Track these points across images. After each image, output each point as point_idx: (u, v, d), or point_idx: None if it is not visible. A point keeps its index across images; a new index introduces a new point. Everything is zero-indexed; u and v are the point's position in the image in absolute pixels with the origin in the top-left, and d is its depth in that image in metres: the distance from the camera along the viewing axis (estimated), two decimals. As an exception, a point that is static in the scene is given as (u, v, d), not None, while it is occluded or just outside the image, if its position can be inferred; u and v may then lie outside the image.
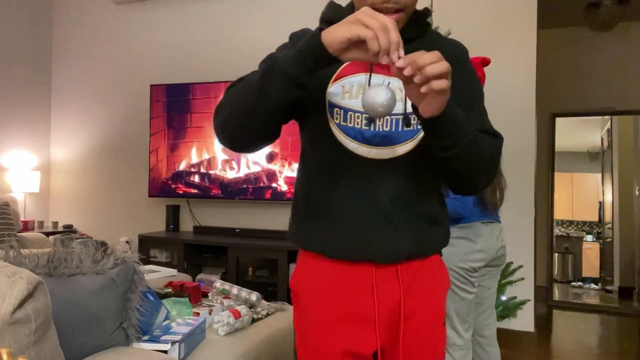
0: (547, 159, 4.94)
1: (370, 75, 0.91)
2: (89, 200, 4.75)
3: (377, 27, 0.69)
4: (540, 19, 3.29)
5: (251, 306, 2.07)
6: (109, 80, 4.68)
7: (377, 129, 0.90)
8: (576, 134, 5.89)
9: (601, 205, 5.94)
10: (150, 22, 4.50)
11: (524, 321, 3.20)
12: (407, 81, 0.73)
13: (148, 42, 4.50)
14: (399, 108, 0.90)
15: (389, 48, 0.69)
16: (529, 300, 3.17)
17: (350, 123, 0.90)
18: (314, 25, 0.96)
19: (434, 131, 0.81)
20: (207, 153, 4.01)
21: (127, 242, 4.21)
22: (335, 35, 0.73)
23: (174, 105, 4.12)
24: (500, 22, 3.30)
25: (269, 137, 0.89)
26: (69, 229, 4.54)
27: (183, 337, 1.47)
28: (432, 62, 0.69)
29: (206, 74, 4.18)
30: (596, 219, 6.06)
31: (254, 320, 1.94)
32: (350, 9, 0.95)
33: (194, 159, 4.05)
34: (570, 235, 6.19)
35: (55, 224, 4.57)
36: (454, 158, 0.83)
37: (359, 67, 0.91)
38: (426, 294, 0.96)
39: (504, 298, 3.03)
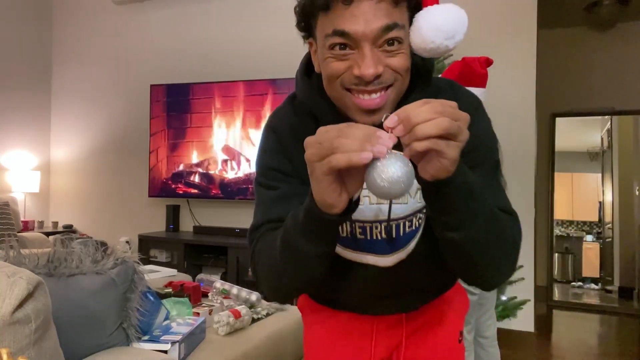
0: (547, 159, 4.94)
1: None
2: (89, 200, 4.75)
3: (354, 143, 0.53)
4: (540, 19, 3.28)
5: (251, 306, 2.07)
6: (109, 81, 4.67)
7: (371, 237, 0.78)
8: (576, 134, 5.88)
9: (601, 205, 5.93)
10: (150, 22, 4.50)
11: (524, 321, 3.19)
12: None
13: (148, 42, 4.50)
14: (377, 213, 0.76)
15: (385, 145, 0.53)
16: (529, 300, 3.17)
17: (342, 232, 0.79)
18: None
19: (438, 203, 0.62)
20: (207, 153, 4.01)
21: (127, 242, 4.20)
22: (322, 191, 0.58)
23: (174, 105, 4.12)
24: (501, 22, 3.29)
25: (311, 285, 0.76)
26: (69, 229, 4.54)
27: (183, 337, 1.47)
28: (427, 119, 0.52)
29: (206, 74, 4.17)
30: (596, 219, 6.06)
31: (254, 320, 1.94)
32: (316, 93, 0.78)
33: (194, 159, 4.05)
34: (570, 235, 6.18)
35: (55, 224, 4.57)
36: (465, 242, 0.64)
37: None
38: (436, 330, 0.92)
39: (504, 298, 3.03)
